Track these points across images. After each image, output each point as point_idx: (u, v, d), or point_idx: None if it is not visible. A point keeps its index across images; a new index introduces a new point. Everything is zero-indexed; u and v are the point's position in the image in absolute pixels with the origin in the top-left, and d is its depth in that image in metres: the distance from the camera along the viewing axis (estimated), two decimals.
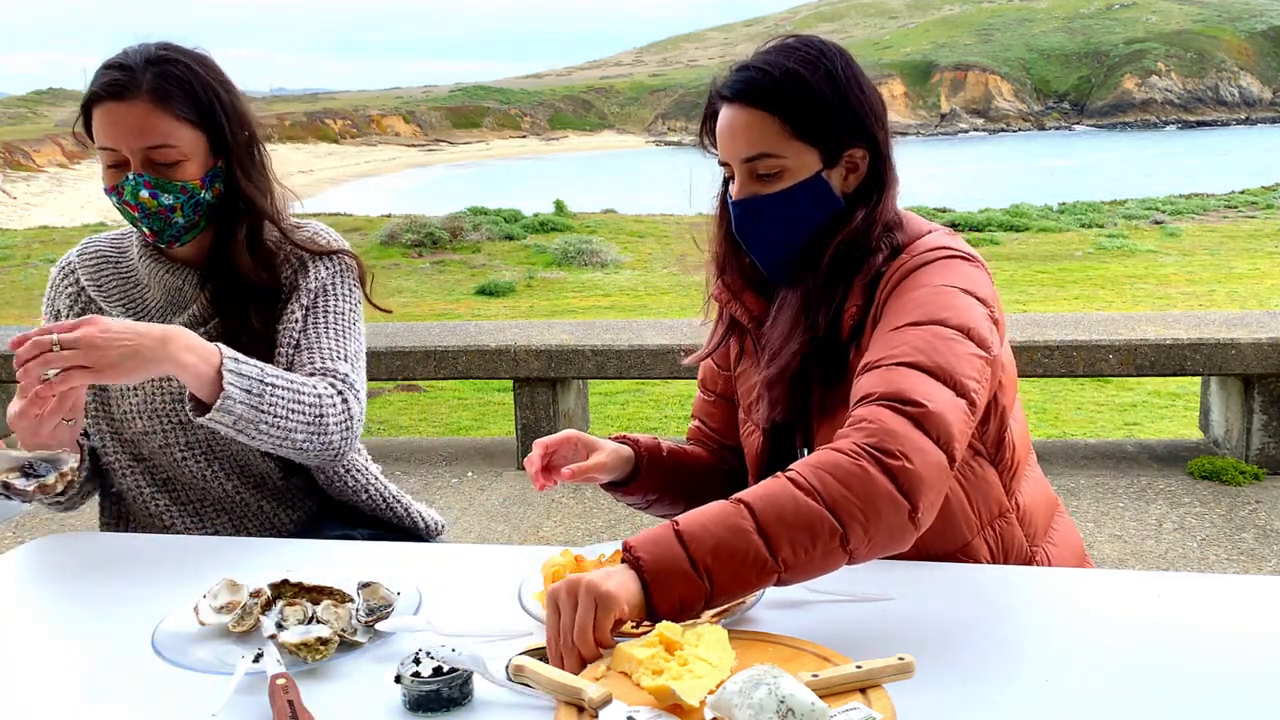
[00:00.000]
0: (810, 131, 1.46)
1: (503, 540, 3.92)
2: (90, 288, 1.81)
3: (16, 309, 10.19)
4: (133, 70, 1.64)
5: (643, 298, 10.01)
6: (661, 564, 1.18)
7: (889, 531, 1.23)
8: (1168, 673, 1.18)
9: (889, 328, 1.39)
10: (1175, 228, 13.37)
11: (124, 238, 1.86)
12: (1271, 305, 8.23)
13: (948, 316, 1.37)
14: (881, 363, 1.34)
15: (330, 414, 1.65)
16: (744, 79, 1.48)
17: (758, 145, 1.48)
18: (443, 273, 11.99)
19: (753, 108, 1.47)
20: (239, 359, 1.58)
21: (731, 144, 1.50)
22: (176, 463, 1.78)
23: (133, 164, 1.65)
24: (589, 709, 1.08)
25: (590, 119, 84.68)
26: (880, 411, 1.27)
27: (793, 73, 1.46)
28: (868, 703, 1.08)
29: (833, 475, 1.22)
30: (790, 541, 1.19)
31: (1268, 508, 3.93)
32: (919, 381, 1.30)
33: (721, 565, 1.18)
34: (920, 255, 1.46)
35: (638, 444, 1.66)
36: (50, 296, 1.85)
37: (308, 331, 1.75)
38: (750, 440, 1.68)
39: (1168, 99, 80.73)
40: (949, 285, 1.42)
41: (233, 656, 1.25)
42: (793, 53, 1.48)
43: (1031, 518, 1.59)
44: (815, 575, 1.24)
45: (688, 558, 1.18)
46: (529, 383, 4.68)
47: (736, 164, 1.51)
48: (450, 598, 1.41)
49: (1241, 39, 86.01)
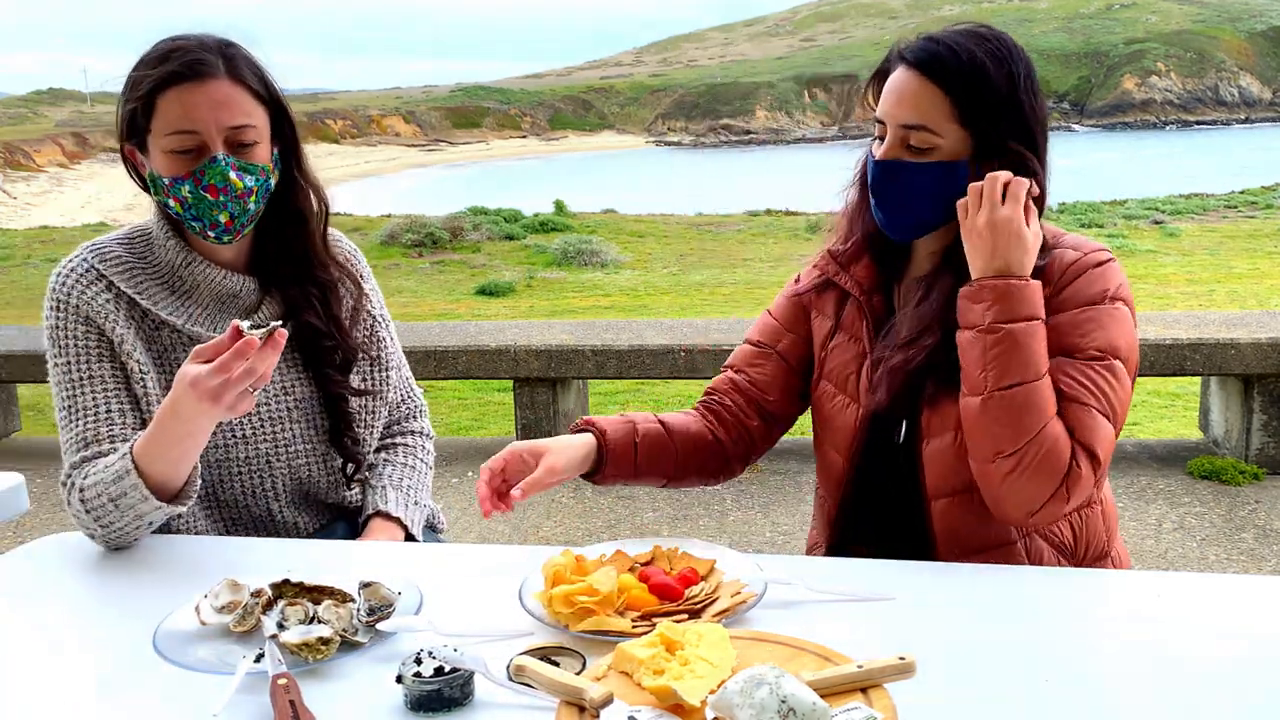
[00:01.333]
0: (975, 121, 1.50)
1: (503, 540, 3.92)
2: (129, 291, 1.67)
3: (16, 309, 10.18)
4: (205, 52, 1.60)
5: (643, 298, 10.01)
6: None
7: (1035, 485, 1.43)
8: (1168, 673, 1.18)
9: (1077, 334, 1.49)
10: (1175, 228, 13.37)
11: (132, 240, 1.74)
12: (1271, 305, 8.22)
13: (1120, 346, 1.50)
14: (1075, 396, 1.47)
15: (431, 461, 1.98)
16: (930, 50, 1.51)
17: (922, 116, 1.50)
18: (443, 273, 11.99)
19: (929, 79, 1.50)
20: (413, 520, 1.81)
21: (897, 106, 1.52)
22: (230, 478, 1.74)
23: (215, 146, 1.59)
24: (590, 709, 1.08)
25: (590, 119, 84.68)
26: (1078, 452, 1.45)
27: (979, 61, 1.49)
28: (869, 702, 1.08)
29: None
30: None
31: (1267, 508, 3.93)
32: (1100, 430, 1.46)
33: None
34: (1091, 254, 1.53)
35: (603, 433, 1.62)
36: (69, 303, 1.65)
37: (390, 372, 1.87)
38: (844, 414, 1.67)
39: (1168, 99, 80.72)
40: (1119, 302, 1.52)
41: (234, 656, 1.25)
42: (984, 42, 1.51)
43: (1109, 513, 1.65)
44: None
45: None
46: (529, 383, 4.68)
47: (893, 126, 1.53)
48: (451, 598, 1.41)
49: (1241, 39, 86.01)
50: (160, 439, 1.49)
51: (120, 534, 1.58)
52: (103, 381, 1.64)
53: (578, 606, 1.30)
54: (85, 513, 1.56)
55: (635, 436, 1.64)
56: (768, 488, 4.31)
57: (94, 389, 1.64)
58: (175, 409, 1.44)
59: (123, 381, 1.66)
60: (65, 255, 1.72)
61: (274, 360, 1.41)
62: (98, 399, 1.63)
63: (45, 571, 1.60)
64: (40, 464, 4.78)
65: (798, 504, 4.10)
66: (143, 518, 1.55)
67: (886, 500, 1.65)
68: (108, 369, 1.65)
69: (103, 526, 1.57)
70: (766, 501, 4.18)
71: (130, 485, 1.51)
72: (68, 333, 1.65)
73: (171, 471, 1.53)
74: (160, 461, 1.51)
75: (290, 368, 1.76)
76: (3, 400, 5.46)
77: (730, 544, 3.65)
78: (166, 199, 1.63)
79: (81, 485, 1.57)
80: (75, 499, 1.58)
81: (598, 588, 1.31)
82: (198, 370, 1.39)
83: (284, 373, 1.75)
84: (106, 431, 1.62)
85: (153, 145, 1.61)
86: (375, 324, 1.87)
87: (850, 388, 1.66)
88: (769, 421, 1.77)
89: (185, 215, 1.63)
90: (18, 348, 4.95)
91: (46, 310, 1.68)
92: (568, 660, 1.22)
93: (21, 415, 5.63)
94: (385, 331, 1.88)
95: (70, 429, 1.64)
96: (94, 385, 1.64)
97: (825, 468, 1.73)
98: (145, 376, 1.65)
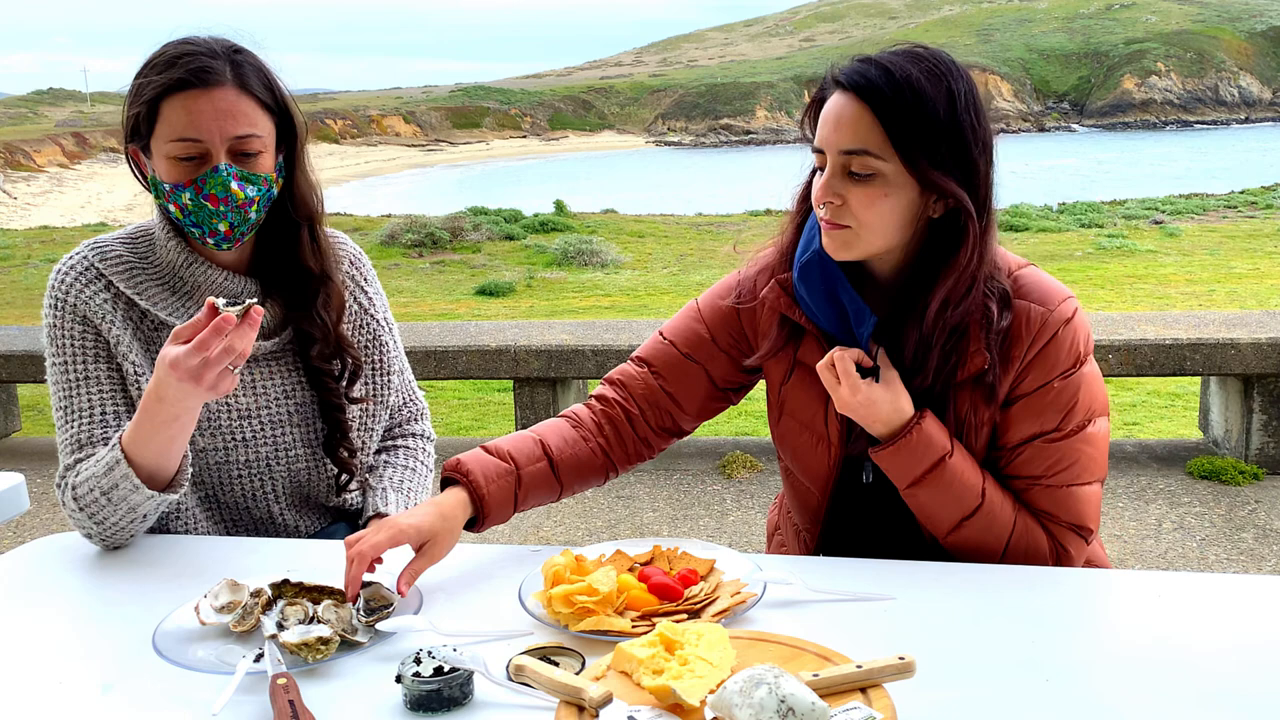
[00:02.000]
0: (909, 151, 1.41)
1: (503, 540, 3.92)
2: (129, 292, 1.66)
3: (17, 309, 10.18)
4: (212, 59, 1.58)
5: (643, 298, 10.01)
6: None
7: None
8: (1167, 672, 1.18)
9: (1055, 415, 1.49)
10: (1175, 228, 13.36)
11: (135, 240, 1.73)
12: (1271, 305, 8.22)
13: (1096, 404, 1.52)
14: (1061, 481, 1.51)
15: (431, 463, 1.96)
16: (862, 71, 1.43)
17: (861, 140, 1.41)
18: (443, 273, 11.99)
19: (863, 102, 1.41)
20: (390, 503, 1.79)
21: (835, 132, 1.43)
22: (230, 480, 1.74)
23: (217, 155, 1.57)
24: (589, 709, 1.08)
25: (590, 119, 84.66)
26: (1065, 534, 1.53)
27: (914, 80, 1.40)
28: (868, 702, 1.08)
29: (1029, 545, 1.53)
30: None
31: (1267, 507, 3.93)
32: (1090, 500, 1.53)
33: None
34: (1058, 307, 1.49)
35: (481, 497, 1.52)
36: (67, 302, 1.65)
37: (391, 377, 1.87)
38: (815, 452, 1.62)
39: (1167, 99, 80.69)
40: (1088, 359, 1.52)
41: (233, 656, 1.25)
42: (920, 61, 1.42)
43: (1098, 543, 1.69)
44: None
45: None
46: (529, 383, 4.68)
47: (833, 154, 1.44)
48: (450, 598, 1.41)
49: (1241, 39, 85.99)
50: (147, 425, 1.49)
51: (115, 529, 1.58)
52: (98, 382, 1.64)
53: (577, 606, 1.30)
54: (79, 510, 1.56)
55: (517, 488, 1.57)
56: (768, 488, 4.30)
57: (89, 389, 1.64)
58: (159, 392, 1.45)
59: (118, 383, 1.66)
60: (65, 255, 1.71)
61: (252, 337, 1.41)
62: (93, 400, 1.63)
63: (45, 571, 1.60)
64: (40, 464, 4.78)
65: None
66: (135, 510, 1.55)
67: (871, 523, 1.65)
68: (104, 370, 1.65)
69: (97, 523, 1.57)
70: (766, 501, 4.18)
71: (121, 475, 1.51)
72: (65, 331, 1.65)
73: (161, 459, 1.52)
74: (149, 449, 1.51)
75: (291, 372, 1.76)
76: (3, 400, 5.46)
77: (730, 544, 3.65)
78: (167, 204, 1.62)
79: (74, 484, 1.57)
80: (69, 498, 1.58)
81: (597, 588, 1.31)
82: (177, 351, 1.39)
83: (285, 377, 1.75)
84: (100, 434, 1.62)
85: (155, 150, 1.60)
86: (378, 329, 1.86)
87: (818, 426, 1.60)
88: (668, 435, 1.71)
89: (185, 221, 1.62)
90: (18, 348, 4.95)
91: (46, 308, 1.68)
92: (567, 660, 1.22)
93: (21, 415, 5.64)
94: (388, 336, 1.88)
95: (66, 429, 1.64)
96: (89, 386, 1.64)
97: (798, 493, 1.70)
98: (141, 378, 1.65)
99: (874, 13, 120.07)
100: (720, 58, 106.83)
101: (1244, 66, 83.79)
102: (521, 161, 61.71)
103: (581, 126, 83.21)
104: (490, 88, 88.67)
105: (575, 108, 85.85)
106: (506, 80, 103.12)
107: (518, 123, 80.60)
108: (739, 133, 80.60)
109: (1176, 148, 51.02)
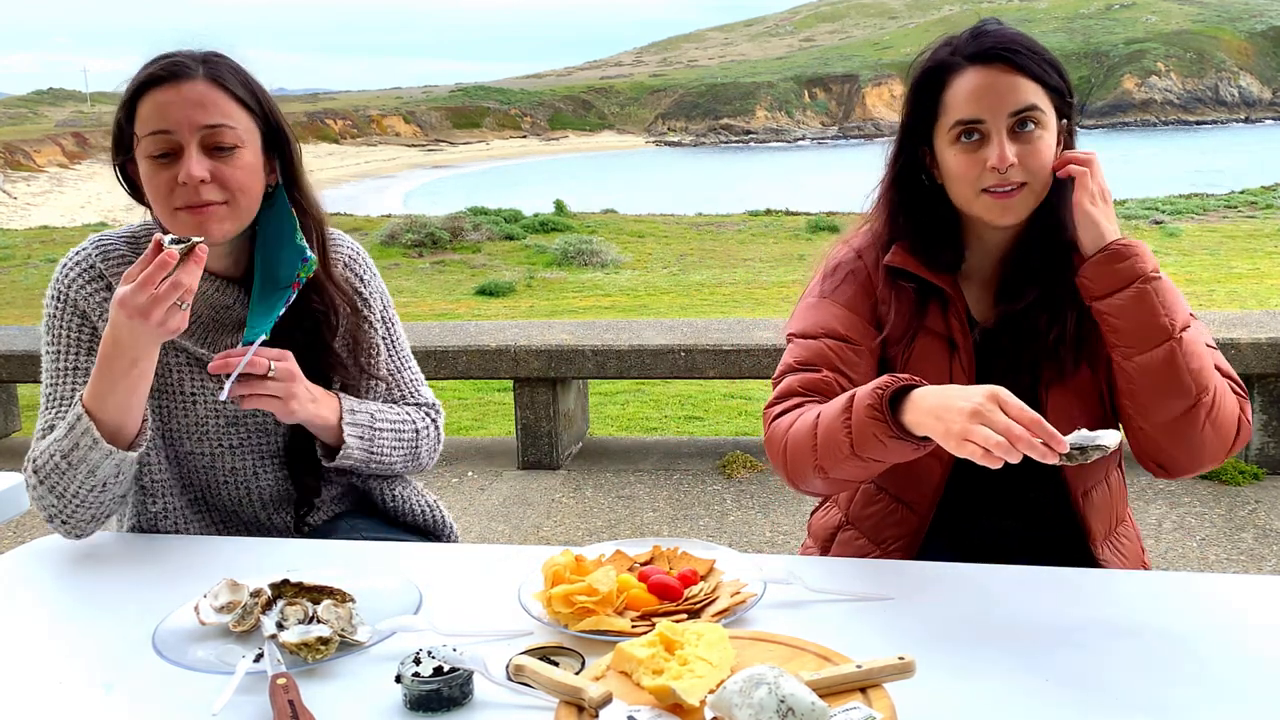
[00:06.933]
0: (1054, 88, 1.56)
1: (503, 540, 3.92)
2: None
3: (17, 309, 10.19)
4: (186, 58, 1.59)
5: (643, 298, 10.01)
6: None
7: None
8: (1168, 672, 1.18)
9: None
10: (1175, 228, 13.38)
11: (138, 238, 1.72)
12: (1271, 305, 8.22)
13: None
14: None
15: (425, 443, 1.84)
16: (994, 42, 1.55)
17: (1030, 97, 1.53)
18: (443, 273, 12.00)
19: (1010, 65, 1.53)
20: (354, 409, 1.70)
21: (1001, 99, 1.53)
22: (218, 484, 1.74)
23: (188, 147, 1.55)
24: (589, 709, 1.08)
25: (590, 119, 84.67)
26: (1237, 388, 1.58)
27: (1037, 45, 1.57)
28: (868, 702, 1.08)
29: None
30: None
31: (1267, 508, 3.93)
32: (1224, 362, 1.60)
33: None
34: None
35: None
36: (68, 296, 1.66)
37: (393, 368, 1.83)
38: None
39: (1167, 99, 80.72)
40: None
41: (233, 656, 1.25)
42: (999, 23, 1.60)
43: (1137, 534, 1.73)
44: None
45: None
46: (529, 383, 4.68)
47: (1000, 119, 1.52)
48: (450, 597, 1.41)
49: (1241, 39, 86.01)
50: (107, 376, 1.50)
51: (75, 504, 1.56)
52: (86, 374, 1.64)
53: (577, 606, 1.30)
54: (39, 483, 1.57)
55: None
56: (768, 488, 4.30)
57: (75, 380, 1.65)
58: (114, 335, 1.47)
59: None
60: (73, 248, 1.71)
61: (198, 274, 1.43)
62: (77, 390, 1.62)
63: (45, 571, 1.60)
64: None
65: (798, 504, 4.10)
66: (95, 473, 1.54)
67: (998, 482, 1.50)
68: (93, 365, 1.65)
69: (56, 496, 1.56)
70: (766, 501, 4.18)
71: (82, 431, 1.51)
72: (62, 323, 1.67)
73: (121, 414, 1.53)
74: (109, 402, 1.51)
75: None
76: (3, 400, 5.46)
77: (730, 544, 3.65)
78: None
79: (34, 456, 1.58)
80: (29, 472, 1.59)
81: (597, 587, 1.31)
82: (124, 289, 1.42)
83: None
84: None
85: (139, 155, 1.59)
86: (372, 333, 1.80)
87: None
88: None
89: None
90: (18, 348, 4.95)
91: (48, 298, 1.69)
92: (567, 660, 1.23)
93: (21, 415, 5.64)
94: (390, 333, 1.84)
95: (44, 415, 1.65)
96: (75, 377, 1.65)
97: (913, 466, 1.55)
98: None
99: (874, 13, 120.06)
100: (720, 58, 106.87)
101: (1244, 66, 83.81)
102: (521, 161, 61.74)
103: (581, 126, 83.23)
104: (490, 88, 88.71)
105: (575, 108, 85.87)
106: (506, 80, 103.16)
107: (518, 123, 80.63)
108: (739, 133, 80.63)
109: (1177, 147, 51.04)
